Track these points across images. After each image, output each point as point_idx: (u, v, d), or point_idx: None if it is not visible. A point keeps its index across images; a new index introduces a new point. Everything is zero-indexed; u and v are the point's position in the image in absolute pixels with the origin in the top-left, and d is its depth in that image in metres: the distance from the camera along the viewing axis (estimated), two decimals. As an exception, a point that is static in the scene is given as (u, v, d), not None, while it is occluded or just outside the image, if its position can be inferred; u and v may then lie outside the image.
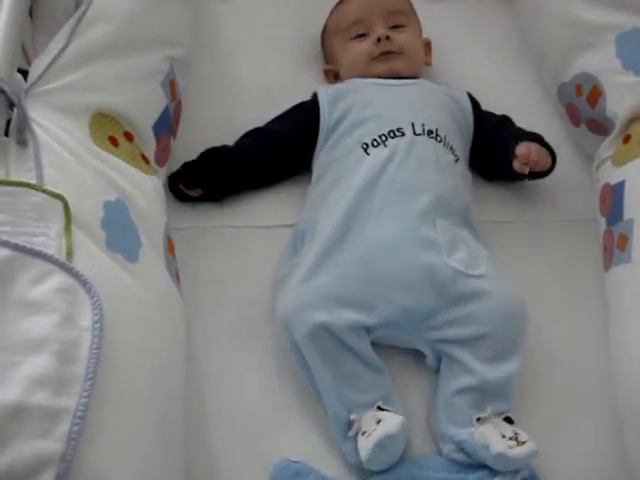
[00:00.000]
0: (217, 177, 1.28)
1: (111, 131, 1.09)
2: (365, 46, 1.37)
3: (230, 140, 1.33)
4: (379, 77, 1.34)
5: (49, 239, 0.88)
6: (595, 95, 1.29)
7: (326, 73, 1.46)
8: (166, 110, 1.20)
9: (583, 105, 1.32)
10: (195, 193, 1.28)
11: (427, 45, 1.46)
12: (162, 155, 1.21)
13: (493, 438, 1.04)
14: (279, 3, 1.57)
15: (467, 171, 1.30)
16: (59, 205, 0.91)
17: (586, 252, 1.29)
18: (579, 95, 1.32)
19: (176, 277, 1.10)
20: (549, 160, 1.26)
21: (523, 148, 1.22)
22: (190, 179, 1.27)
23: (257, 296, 1.20)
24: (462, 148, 1.30)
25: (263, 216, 1.30)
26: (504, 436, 1.04)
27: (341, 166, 1.24)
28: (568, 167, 1.37)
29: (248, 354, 1.16)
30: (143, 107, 1.15)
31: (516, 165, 1.23)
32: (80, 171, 0.98)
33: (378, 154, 1.22)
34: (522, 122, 1.38)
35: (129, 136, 1.12)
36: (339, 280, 1.12)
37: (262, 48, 1.50)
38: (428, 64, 1.45)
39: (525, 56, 1.51)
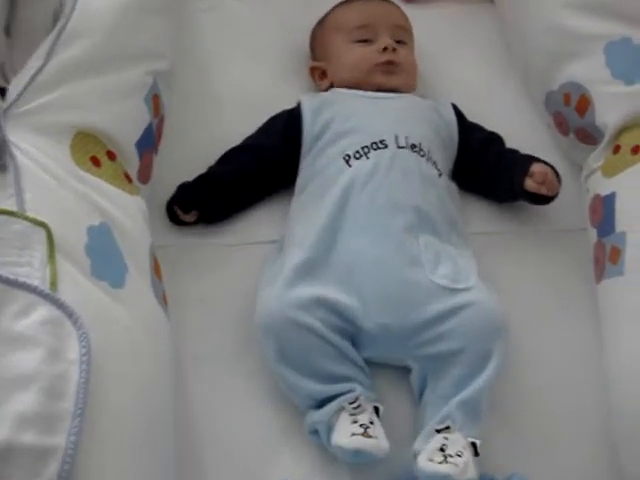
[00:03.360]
0: (216, 201, 1.25)
1: (93, 151, 1.05)
2: (369, 52, 1.34)
3: (214, 154, 1.30)
4: (376, 88, 1.32)
5: (33, 269, 0.86)
6: (584, 104, 1.27)
7: (312, 70, 1.42)
8: (149, 126, 1.17)
9: (572, 114, 1.31)
10: (191, 217, 1.25)
11: None
12: (145, 172, 1.18)
13: (429, 447, 1.03)
14: (261, 11, 1.54)
15: (452, 184, 1.29)
16: (42, 233, 0.89)
17: (576, 262, 1.28)
18: (567, 104, 1.31)
19: (163, 299, 1.07)
20: (558, 186, 1.24)
21: (540, 167, 1.21)
22: (188, 204, 1.24)
23: (243, 316, 1.17)
24: (446, 163, 1.29)
25: (248, 233, 1.28)
26: (442, 450, 1.02)
27: (323, 177, 1.22)
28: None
29: (236, 376, 1.14)
30: (126, 125, 1.12)
31: (530, 184, 1.22)
32: (62, 195, 0.96)
33: (360, 166, 1.20)
34: (508, 130, 1.37)
35: (112, 155, 1.08)
36: (322, 289, 1.10)
37: (245, 58, 1.46)
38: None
39: (511, 62, 1.49)
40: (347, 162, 1.21)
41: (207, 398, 1.11)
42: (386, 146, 1.22)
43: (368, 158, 1.21)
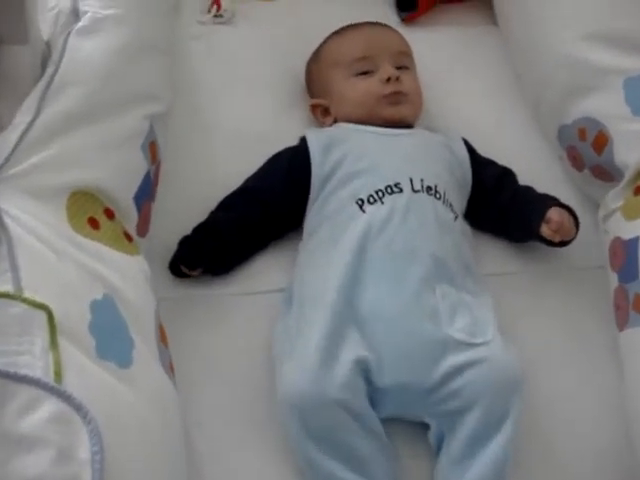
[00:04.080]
0: (220, 255, 1.18)
1: (91, 211, 0.98)
2: (372, 84, 1.27)
3: (212, 197, 1.22)
4: (383, 121, 1.26)
5: (34, 357, 0.78)
6: (601, 142, 1.21)
7: (314, 108, 1.35)
8: (147, 175, 1.09)
9: (588, 151, 1.25)
10: (197, 272, 1.17)
11: None
12: (144, 225, 1.10)
13: None
14: (255, 37, 1.47)
15: (466, 226, 1.23)
16: (42, 316, 0.81)
17: (594, 302, 1.23)
18: (583, 140, 1.25)
19: (170, 368, 1.00)
20: (575, 231, 1.19)
21: (557, 214, 1.15)
22: (193, 262, 1.17)
23: (250, 372, 1.11)
24: (460, 203, 1.23)
25: (254, 281, 1.20)
26: None
27: (334, 223, 1.16)
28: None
29: (244, 438, 1.06)
30: (124, 178, 1.04)
31: (546, 231, 1.16)
32: (62, 269, 0.87)
33: (375, 212, 1.14)
34: (519, 162, 1.32)
35: (110, 213, 1.01)
36: (351, 353, 1.03)
37: (240, 89, 1.39)
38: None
39: (519, 89, 1.44)
40: (361, 207, 1.15)
41: (214, 462, 1.04)
42: (401, 190, 1.15)
43: (383, 203, 1.14)
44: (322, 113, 1.34)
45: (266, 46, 1.45)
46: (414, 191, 1.16)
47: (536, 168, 1.35)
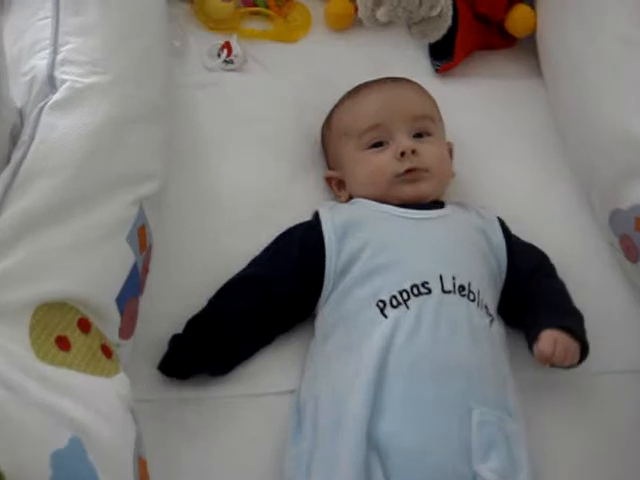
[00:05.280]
0: (219, 356, 1.02)
1: (60, 327, 0.81)
2: (385, 160, 1.10)
3: (211, 281, 1.06)
4: (401, 202, 1.09)
5: None
6: (663, 235, 1.05)
7: (329, 181, 1.20)
8: (134, 269, 0.93)
9: (645, 243, 1.09)
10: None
11: (450, 151, 1.20)
12: (128, 327, 0.95)
13: None
14: (272, 86, 1.30)
15: (502, 328, 1.07)
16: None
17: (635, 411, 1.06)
18: (640, 230, 1.09)
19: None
20: (577, 357, 1.02)
21: (546, 344, 0.98)
22: (187, 368, 1.01)
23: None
24: (495, 300, 1.07)
25: (256, 382, 1.04)
26: None
27: (352, 327, 1.00)
28: (616, 306, 1.15)
29: None
30: (104, 279, 0.88)
31: (535, 358, 1.00)
32: (17, 414, 0.73)
33: (399, 318, 0.97)
34: (561, 243, 1.17)
35: (85, 325, 0.84)
36: None
37: (251, 148, 1.22)
38: (452, 176, 1.19)
39: (565, 158, 1.27)
40: (382, 311, 0.98)
41: None
42: (429, 291, 0.99)
43: (408, 308, 0.98)
44: (337, 186, 1.18)
45: (282, 97, 1.29)
46: (444, 292, 0.99)
47: (581, 251, 1.19)
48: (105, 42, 1.02)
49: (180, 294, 1.08)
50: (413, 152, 1.10)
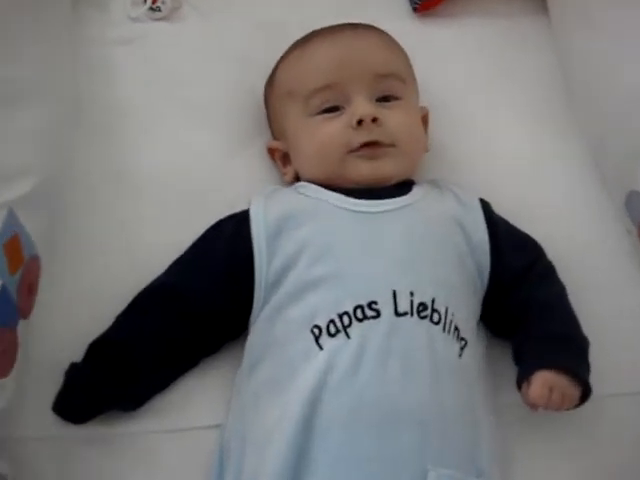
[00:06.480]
0: (131, 386, 0.83)
1: None
2: (336, 130, 0.87)
3: (128, 286, 0.86)
4: (355, 185, 0.87)
5: None
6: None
7: (271, 152, 0.98)
8: (2, 294, 0.74)
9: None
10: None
11: (424, 119, 0.96)
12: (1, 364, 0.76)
13: None
14: (209, 39, 1.06)
15: (479, 350, 0.85)
16: None
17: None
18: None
19: None
20: (575, 400, 0.81)
21: (539, 391, 0.79)
22: (87, 411, 0.83)
23: None
24: (473, 315, 0.85)
25: (176, 414, 0.86)
26: None
27: (281, 358, 0.80)
28: (632, 310, 0.93)
29: None
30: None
31: (524, 402, 0.81)
32: None
33: (336, 349, 0.77)
34: (562, 232, 0.96)
35: None
36: None
37: (180, 118, 1.01)
38: (425, 150, 0.96)
39: (573, 121, 1.02)
40: (317, 339, 0.78)
41: None
42: (378, 314, 0.78)
43: (349, 336, 0.77)
44: (282, 160, 0.96)
45: (222, 51, 1.05)
46: (398, 314, 0.78)
47: (590, 239, 0.97)
48: None
49: (89, 305, 0.90)
50: (374, 121, 0.86)
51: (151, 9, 1.04)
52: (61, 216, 0.91)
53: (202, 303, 0.84)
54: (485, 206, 0.90)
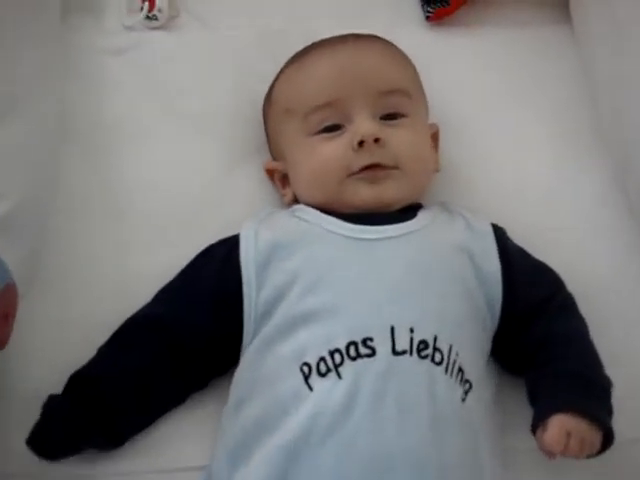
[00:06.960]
0: (111, 425, 0.77)
1: None
2: (336, 151, 0.81)
3: (115, 313, 0.81)
4: (355, 210, 0.80)
5: None
6: None
7: (270, 173, 0.91)
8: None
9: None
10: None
11: (434, 137, 0.89)
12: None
13: None
14: (207, 48, 1.00)
15: (487, 391, 0.77)
16: None
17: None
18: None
19: None
20: (596, 447, 0.73)
21: (556, 437, 0.71)
22: (64, 449, 0.76)
23: None
24: (481, 354, 0.78)
25: (159, 454, 0.80)
26: None
27: (271, 396, 0.73)
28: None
29: None
30: None
31: (539, 448, 0.74)
32: None
33: (326, 392, 0.70)
34: (588, 252, 0.89)
35: None
36: None
37: (174, 131, 0.95)
38: (436, 170, 0.89)
39: (602, 138, 0.95)
40: (306, 379, 0.71)
41: None
42: (373, 351, 0.71)
43: (341, 377, 0.70)
44: (281, 181, 0.90)
45: (221, 61, 1.00)
46: (396, 353, 0.71)
47: (616, 261, 0.90)
48: None
49: (71, 334, 0.84)
50: (376, 141, 0.80)
51: (147, 17, 0.98)
52: (45, 239, 0.86)
53: (189, 335, 0.78)
54: (498, 232, 0.83)
